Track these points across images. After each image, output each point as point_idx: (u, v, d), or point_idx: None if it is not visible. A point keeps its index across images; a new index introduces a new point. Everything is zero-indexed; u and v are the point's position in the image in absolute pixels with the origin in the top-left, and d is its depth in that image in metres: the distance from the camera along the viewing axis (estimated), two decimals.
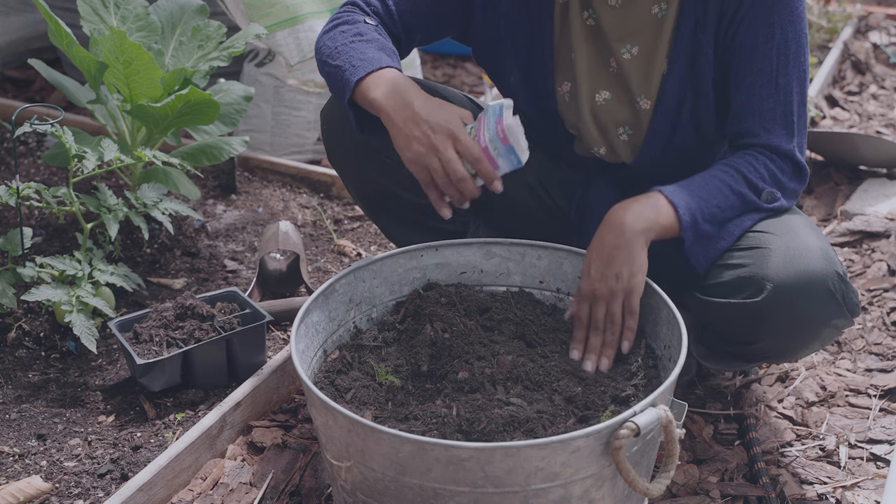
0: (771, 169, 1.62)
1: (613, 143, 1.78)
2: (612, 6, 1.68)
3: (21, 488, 1.61)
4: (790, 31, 1.61)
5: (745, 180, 1.61)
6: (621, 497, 1.40)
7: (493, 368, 1.56)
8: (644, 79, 1.70)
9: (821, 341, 1.65)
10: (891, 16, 4.30)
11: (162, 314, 1.89)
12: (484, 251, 1.77)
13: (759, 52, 1.62)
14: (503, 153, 1.54)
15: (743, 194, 1.61)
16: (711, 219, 1.59)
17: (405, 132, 1.55)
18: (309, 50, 2.75)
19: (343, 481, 1.44)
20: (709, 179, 1.61)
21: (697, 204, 1.58)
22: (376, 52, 1.64)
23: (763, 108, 1.63)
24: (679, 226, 1.57)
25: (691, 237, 1.58)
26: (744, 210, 1.62)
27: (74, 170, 2.00)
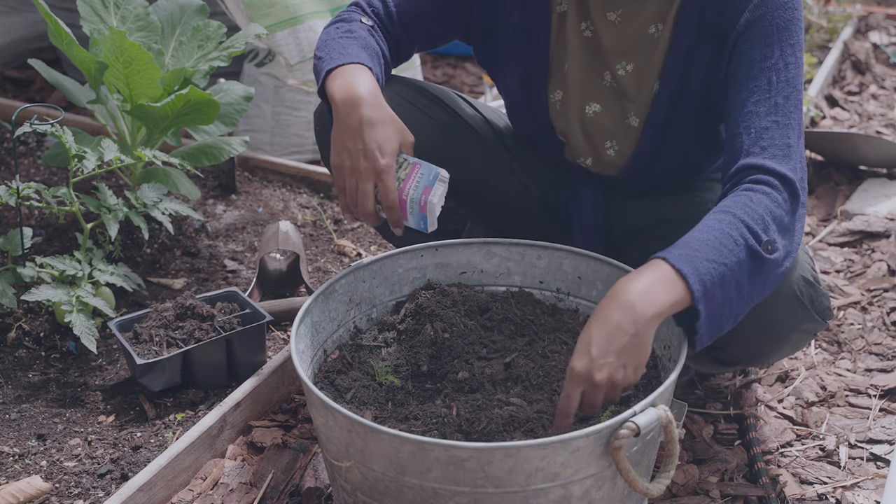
0: (768, 207, 1.44)
1: (600, 155, 1.78)
2: (611, 21, 1.67)
3: (21, 488, 1.61)
4: (789, 55, 1.54)
5: (745, 227, 1.41)
6: (621, 497, 1.40)
7: (493, 369, 1.56)
8: (636, 96, 1.70)
9: (792, 346, 1.66)
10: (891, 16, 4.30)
11: (162, 314, 1.89)
12: (484, 251, 1.77)
13: (757, 70, 1.53)
14: (416, 216, 1.56)
15: (748, 245, 1.41)
16: (721, 280, 1.38)
17: (341, 138, 1.55)
18: (309, 50, 2.75)
19: (343, 481, 1.44)
20: (710, 232, 1.42)
21: (706, 268, 1.38)
22: (356, 49, 1.64)
23: (759, 125, 1.51)
24: (691, 297, 1.37)
25: (704, 308, 1.38)
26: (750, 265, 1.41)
27: (74, 170, 2.00)
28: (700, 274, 1.37)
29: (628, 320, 1.35)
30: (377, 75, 1.62)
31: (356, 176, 1.53)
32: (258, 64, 2.82)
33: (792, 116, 1.52)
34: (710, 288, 1.37)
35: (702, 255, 1.39)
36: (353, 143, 1.52)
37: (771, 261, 1.42)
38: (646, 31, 1.65)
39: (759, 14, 1.53)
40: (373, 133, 1.52)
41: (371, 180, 1.52)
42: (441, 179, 1.56)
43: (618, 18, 1.66)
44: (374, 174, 1.52)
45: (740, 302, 1.42)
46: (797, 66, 1.55)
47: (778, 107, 1.52)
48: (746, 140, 1.51)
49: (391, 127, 1.54)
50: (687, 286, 1.36)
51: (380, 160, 1.51)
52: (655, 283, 1.37)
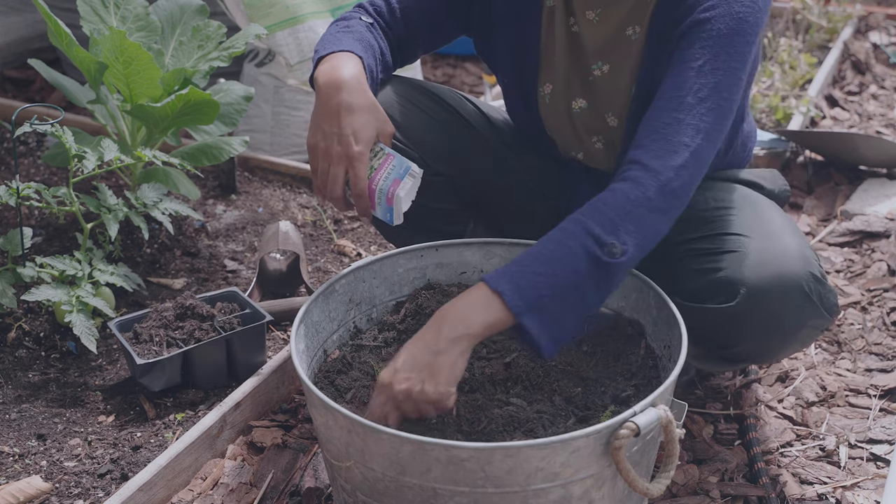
0: (622, 206, 1.43)
1: (589, 149, 1.79)
2: (589, 20, 1.67)
3: (21, 488, 1.61)
4: (722, 62, 1.49)
5: (587, 233, 1.41)
6: (621, 497, 1.40)
7: (493, 369, 1.56)
8: (612, 96, 1.70)
9: (800, 342, 1.66)
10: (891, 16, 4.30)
11: (162, 314, 1.89)
12: (484, 251, 1.77)
13: (680, 69, 1.50)
14: (383, 207, 1.56)
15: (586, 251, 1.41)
16: (552, 289, 1.39)
17: (318, 120, 1.55)
18: (309, 50, 2.75)
19: (343, 481, 1.44)
20: (545, 245, 1.43)
21: (529, 281, 1.39)
22: (349, 40, 1.65)
23: (659, 120, 1.48)
24: (512, 314, 1.38)
25: (533, 320, 1.39)
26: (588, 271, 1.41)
27: (74, 170, 2.00)
28: (521, 289, 1.39)
29: (433, 339, 1.40)
30: (368, 66, 1.62)
31: (328, 159, 1.53)
32: (258, 64, 2.82)
33: (701, 117, 1.48)
34: (535, 300, 1.39)
35: (528, 269, 1.41)
36: (330, 125, 1.53)
37: (613, 264, 1.41)
38: (623, 33, 1.66)
39: (706, 17, 1.51)
40: (350, 119, 1.52)
41: (343, 165, 1.52)
42: (412, 174, 1.55)
43: (596, 18, 1.67)
44: (346, 160, 1.52)
45: (583, 305, 1.43)
46: (728, 74, 1.50)
47: (686, 105, 1.48)
48: (642, 133, 1.50)
49: (370, 115, 1.54)
50: (504, 304, 1.38)
51: (353, 146, 1.51)
52: (471, 304, 1.41)
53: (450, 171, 1.84)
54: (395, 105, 1.77)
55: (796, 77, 3.30)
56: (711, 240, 1.62)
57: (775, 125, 3.09)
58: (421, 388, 1.39)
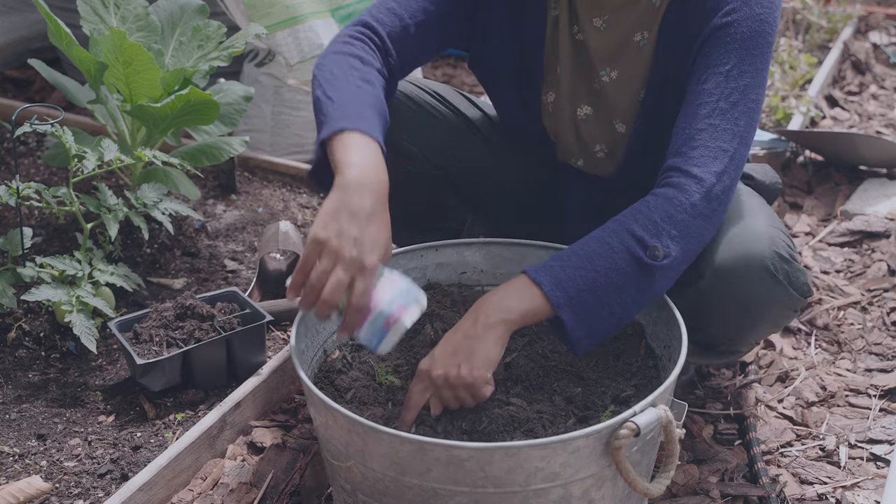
0: (667, 211, 1.45)
1: (591, 157, 1.80)
2: (596, 27, 1.67)
3: (21, 488, 1.61)
4: (748, 65, 1.52)
5: (630, 234, 1.43)
6: (621, 497, 1.40)
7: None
8: (620, 103, 1.70)
9: (772, 322, 1.66)
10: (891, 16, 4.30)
11: (162, 314, 1.89)
12: (484, 251, 1.77)
13: (708, 74, 1.52)
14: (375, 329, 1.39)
15: (628, 252, 1.42)
16: (592, 286, 1.41)
17: (338, 216, 1.38)
18: (309, 50, 2.75)
19: (343, 481, 1.44)
20: (586, 243, 1.45)
21: (569, 275, 1.41)
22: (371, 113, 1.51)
23: (694, 127, 1.50)
24: (550, 305, 1.41)
25: (570, 314, 1.41)
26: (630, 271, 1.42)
27: (74, 170, 2.00)
28: (561, 282, 1.41)
29: (470, 326, 1.43)
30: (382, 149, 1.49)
31: (336, 261, 1.36)
32: (258, 64, 2.82)
33: (735, 122, 1.50)
34: (574, 295, 1.41)
35: (569, 263, 1.43)
36: (350, 226, 1.37)
37: (657, 266, 1.43)
38: (631, 39, 1.66)
39: (727, 21, 1.52)
40: (372, 227, 1.39)
41: (352, 273, 1.36)
42: (419, 304, 1.42)
43: (603, 25, 1.66)
44: (357, 266, 1.36)
45: (622, 306, 1.44)
46: (754, 76, 1.52)
47: (719, 110, 1.50)
48: (678, 140, 1.52)
49: (387, 231, 1.42)
50: (543, 294, 1.41)
51: (369, 256, 1.37)
52: (511, 293, 1.44)
53: (449, 167, 1.84)
54: (397, 102, 1.77)
55: (796, 77, 3.30)
56: None
57: (775, 125, 3.09)
58: (457, 372, 1.42)
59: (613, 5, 1.64)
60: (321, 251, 1.36)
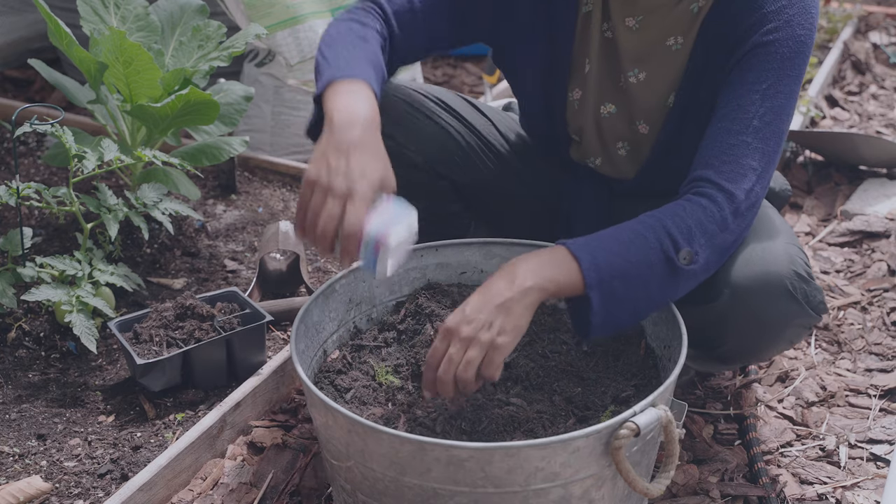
0: (700, 219, 1.45)
1: (612, 155, 1.79)
2: (628, 26, 1.66)
3: (21, 488, 1.61)
4: (784, 85, 1.52)
5: (666, 233, 1.43)
6: (621, 497, 1.40)
7: None
8: (645, 105, 1.70)
9: (788, 340, 1.66)
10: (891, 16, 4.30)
11: (162, 314, 1.89)
12: (484, 251, 1.77)
13: (745, 90, 1.52)
14: (368, 254, 1.39)
15: (661, 249, 1.42)
16: (623, 275, 1.41)
17: (325, 153, 1.42)
18: (309, 50, 2.75)
19: (343, 481, 1.44)
20: (623, 231, 1.45)
21: (606, 259, 1.40)
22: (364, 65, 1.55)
23: (727, 141, 1.51)
24: (583, 282, 1.39)
25: (599, 296, 1.39)
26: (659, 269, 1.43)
27: (74, 170, 2.00)
28: (598, 263, 1.40)
29: (505, 285, 1.38)
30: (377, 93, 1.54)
31: (328, 193, 1.39)
32: (258, 64, 2.82)
33: (766, 141, 1.51)
34: (607, 279, 1.39)
35: (607, 247, 1.42)
36: (338, 161, 1.41)
37: (685, 270, 1.43)
38: (663, 43, 1.65)
39: (768, 39, 1.52)
40: (360, 157, 1.42)
41: (342, 202, 1.38)
42: (408, 225, 1.41)
43: (636, 25, 1.65)
44: (347, 194, 1.38)
45: (645, 302, 1.44)
46: (789, 97, 1.53)
47: (752, 129, 1.51)
48: (710, 152, 1.52)
49: (381, 161, 1.44)
50: (580, 270, 1.39)
51: (357, 183, 1.39)
52: (547, 261, 1.40)
53: (453, 175, 1.84)
54: (399, 109, 1.77)
55: None
56: None
57: None
58: (489, 332, 1.36)
59: (649, 7, 1.63)
60: (312, 189, 1.40)
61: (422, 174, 1.80)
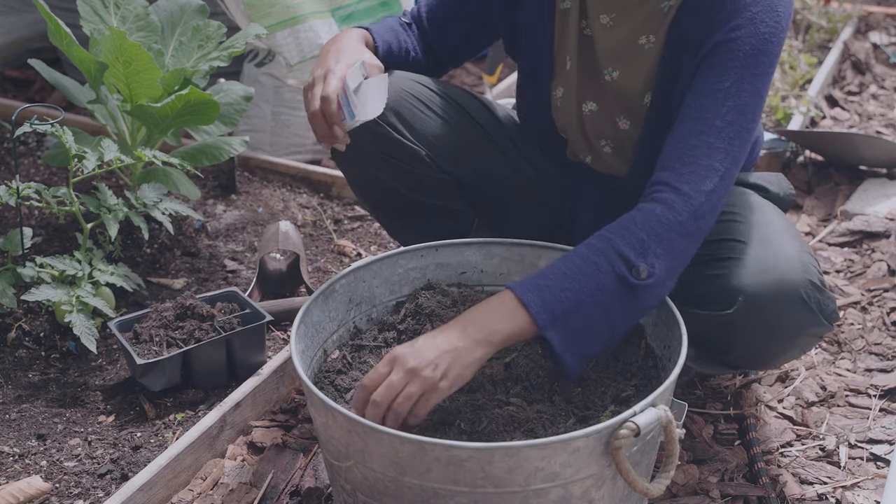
0: (653, 229, 1.43)
1: (598, 153, 1.80)
2: (603, 24, 1.67)
3: (21, 488, 1.61)
4: (747, 83, 1.49)
5: (616, 254, 1.42)
6: (621, 497, 1.40)
7: (493, 369, 1.56)
8: (622, 103, 1.71)
9: (799, 349, 1.66)
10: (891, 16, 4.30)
11: (162, 314, 1.89)
12: (484, 251, 1.77)
13: (707, 90, 1.50)
14: (345, 103, 1.60)
15: (613, 271, 1.41)
16: (578, 308, 1.40)
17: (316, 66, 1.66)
18: (309, 50, 2.75)
19: (343, 481, 1.44)
20: (573, 261, 1.43)
21: (556, 296, 1.40)
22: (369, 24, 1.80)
23: (688, 143, 1.49)
24: (536, 327, 1.39)
25: (557, 335, 1.40)
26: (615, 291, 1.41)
27: (74, 170, 2.00)
28: (547, 303, 1.39)
29: (457, 335, 1.38)
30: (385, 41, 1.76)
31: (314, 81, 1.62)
32: (258, 64, 2.82)
33: (730, 141, 1.48)
34: (561, 316, 1.39)
35: (556, 283, 1.41)
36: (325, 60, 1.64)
37: (642, 286, 1.42)
38: (636, 41, 1.65)
39: (731, 37, 1.51)
40: (337, 55, 1.64)
41: (321, 80, 1.60)
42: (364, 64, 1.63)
43: (610, 22, 1.67)
44: (326, 74, 1.60)
45: (610, 327, 1.42)
46: (754, 95, 1.50)
47: (714, 129, 1.48)
48: (670, 155, 1.50)
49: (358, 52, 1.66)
50: (529, 315, 1.39)
51: (332, 65, 1.61)
52: (496, 311, 1.40)
53: (457, 171, 1.84)
54: (405, 103, 1.78)
55: (796, 77, 3.30)
56: (710, 245, 1.61)
57: (775, 125, 3.09)
58: (432, 373, 1.35)
59: (621, 5, 1.64)
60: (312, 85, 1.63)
61: (427, 169, 1.80)
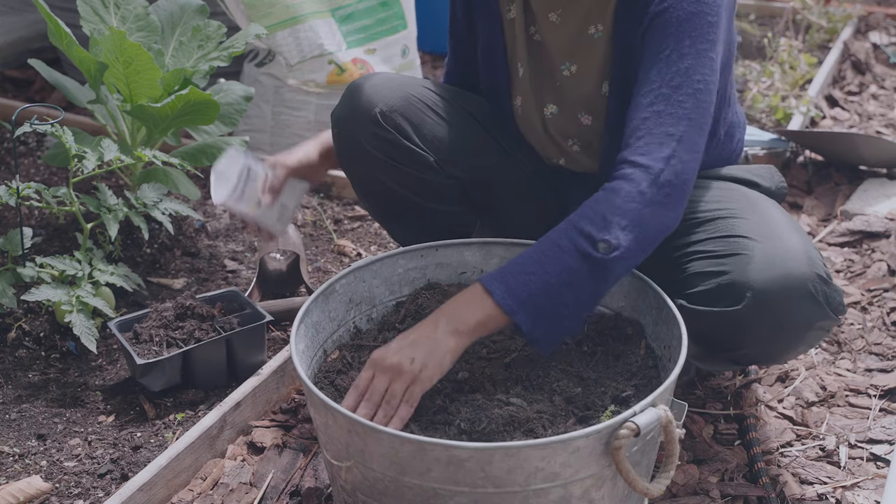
0: (613, 203, 1.46)
1: (568, 153, 1.82)
2: (552, 22, 1.69)
3: (21, 488, 1.61)
4: (686, 47, 1.51)
5: (578, 232, 1.45)
6: (621, 497, 1.40)
7: (493, 369, 1.56)
8: (582, 96, 1.72)
9: (807, 343, 1.65)
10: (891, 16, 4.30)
11: (162, 314, 1.89)
12: (484, 251, 1.77)
13: (649, 62, 1.53)
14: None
15: (577, 249, 1.44)
16: (544, 289, 1.44)
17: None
18: (309, 50, 2.75)
19: (343, 481, 1.44)
20: (538, 246, 1.47)
21: (520, 281, 1.44)
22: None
23: (639, 117, 1.51)
24: (503, 313, 1.44)
25: (525, 318, 1.44)
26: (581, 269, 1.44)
27: (74, 170, 2.00)
28: (512, 289, 1.44)
29: (429, 330, 1.45)
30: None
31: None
32: (258, 64, 2.82)
33: (679, 104, 1.50)
34: (526, 300, 1.44)
35: (521, 269, 1.46)
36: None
37: (608, 260, 1.45)
38: (585, 32, 1.67)
39: (663, 7, 1.53)
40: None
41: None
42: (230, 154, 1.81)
43: (558, 19, 1.69)
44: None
45: (580, 302, 1.46)
46: (696, 58, 1.52)
47: (662, 96, 1.51)
48: (627, 132, 1.53)
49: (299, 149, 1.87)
50: (495, 303, 1.44)
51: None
52: (465, 303, 1.46)
53: (462, 175, 1.84)
54: (413, 108, 1.78)
55: (796, 77, 3.30)
56: (715, 242, 1.62)
57: (775, 125, 3.09)
58: (411, 365, 1.42)
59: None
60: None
61: (434, 174, 1.81)
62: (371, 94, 1.76)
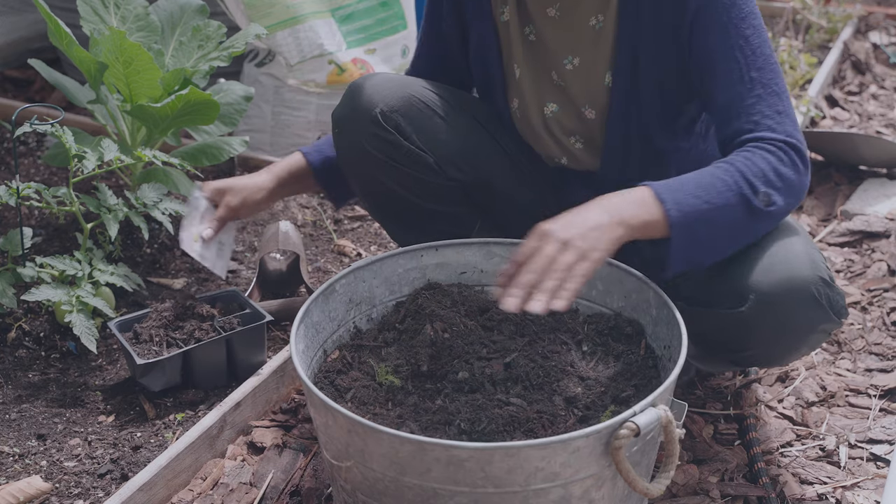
0: (770, 162, 1.50)
1: (571, 151, 1.81)
2: (551, 17, 1.69)
3: (21, 488, 1.61)
4: (746, 28, 1.56)
5: (742, 178, 1.49)
6: (621, 497, 1.40)
7: (493, 369, 1.56)
8: (586, 89, 1.72)
9: (809, 345, 1.66)
10: (891, 16, 4.30)
11: (162, 314, 1.89)
12: (484, 251, 1.77)
13: (721, 55, 1.56)
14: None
15: (740, 192, 1.48)
16: (705, 217, 1.47)
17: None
18: (309, 50, 2.75)
19: (343, 481, 1.44)
20: (703, 175, 1.50)
21: (689, 201, 1.47)
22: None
23: (744, 104, 1.56)
24: (667, 223, 1.46)
25: (680, 237, 1.47)
26: (740, 211, 1.48)
27: (74, 170, 2.00)
28: (680, 204, 1.47)
29: (598, 214, 1.44)
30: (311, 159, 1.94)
31: None
32: (258, 64, 2.82)
33: (772, 83, 1.56)
34: (692, 221, 1.47)
35: (689, 189, 1.48)
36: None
37: (764, 212, 1.49)
38: (586, 24, 1.67)
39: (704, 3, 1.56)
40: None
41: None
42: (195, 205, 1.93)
43: (557, 13, 1.69)
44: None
45: (724, 242, 1.51)
46: (757, 35, 1.57)
47: (755, 81, 1.56)
48: (736, 123, 1.57)
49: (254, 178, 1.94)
50: (664, 210, 1.46)
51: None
52: (634, 201, 1.47)
53: (464, 177, 1.84)
54: (414, 110, 1.78)
55: (796, 77, 3.30)
56: None
57: None
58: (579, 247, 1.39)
59: None
60: None
61: (434, 175, 1.80)
62: (372, 94, 1.76)
